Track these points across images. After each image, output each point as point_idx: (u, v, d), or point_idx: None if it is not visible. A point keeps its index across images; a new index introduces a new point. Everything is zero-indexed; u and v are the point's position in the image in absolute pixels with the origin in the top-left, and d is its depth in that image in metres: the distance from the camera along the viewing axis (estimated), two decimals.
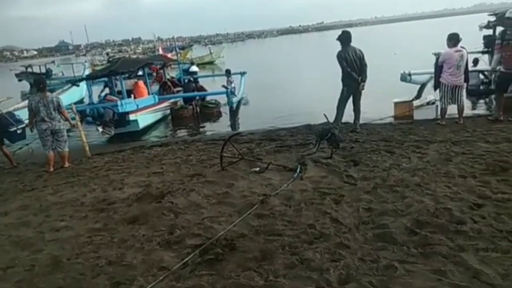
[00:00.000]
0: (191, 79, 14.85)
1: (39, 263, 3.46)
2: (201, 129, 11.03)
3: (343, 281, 2.73)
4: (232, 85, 13.80)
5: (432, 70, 7.89)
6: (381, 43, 35.17)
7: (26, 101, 8.15)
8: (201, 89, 13.95)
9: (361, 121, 7.67)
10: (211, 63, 35.46)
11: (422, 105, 9.65)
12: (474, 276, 2.64)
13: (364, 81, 7.21)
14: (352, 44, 7.24)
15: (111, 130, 10.02)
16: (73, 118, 7.96)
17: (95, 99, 12.30)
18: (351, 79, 7.13)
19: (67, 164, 7.06)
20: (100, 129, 9.90)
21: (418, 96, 9.92)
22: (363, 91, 7.31)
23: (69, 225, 4.25)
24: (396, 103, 8.99)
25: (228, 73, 14.34)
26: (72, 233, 4.03)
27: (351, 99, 7.40)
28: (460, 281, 2.60)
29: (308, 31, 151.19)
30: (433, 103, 9.23)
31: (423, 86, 9.78)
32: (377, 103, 9.67)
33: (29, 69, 28.21)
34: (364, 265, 2.89)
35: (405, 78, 9.79)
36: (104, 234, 3.93)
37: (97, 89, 14.10)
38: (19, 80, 27.19)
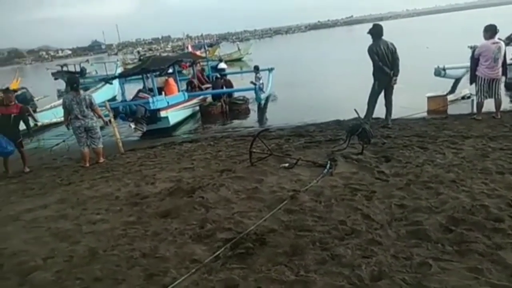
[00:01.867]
0: (218, 75, 14.95)
1: (77, 254, 3.60)
2: (229, 126, 11.11)
3: (376, 278, 2.69)
4: (261, 81, 13.79)
5: (468, 64, 7.63)
6: (413, 37, 34.19)
7: (61, 100, 8.45)
8: (229, 83, 13.99)
9: (393, 116, 7.51)
10: (239, 59, 35.58)
11: (457, 100, 9.35)
12: None
13: (396, 76, 7.05)
14: (384, 37, 7.09)
15: (143, 126, 10.28)
16: (107, 115, 8.21)
17: (128, 96, 12.63)
18: (382, 74, 6.99)
19: (102, 160, 7.30)
20: (133, 126, 10.17)
21: (452, 90, 9.61)
22: (395, 86, 7.15)
23: (104, 218, 4.40)
24: (429, 98, 8.74)
25: (256, 69, 14.33)
26: (107, 226, 4.17)
27: (382, 94, 7.26)
28: (498, 279, 2.52)
29: (337, 25, 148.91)
30: (468, 97, 8.93)
31: (457, 80, 9.48)
32: (410, 98, 9.43)
33: (65, 68, 29.26)
34: (397, 262, 2.84)
35: (439, 72, 9.52)
36: (138, 227, 4.04)
37: (129, 88, 14.44)
38: (55, 79, 28.20)
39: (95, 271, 3.26)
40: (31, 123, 8.53)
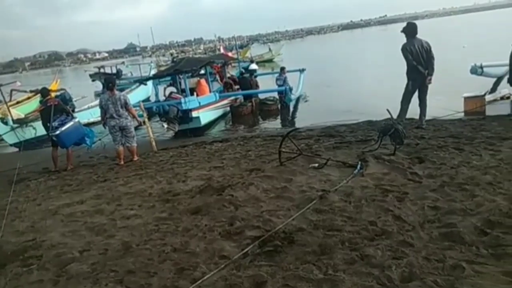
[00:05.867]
0: (243, 72, 15.03)
1: (111, 248, 3.74)
2: (259, 126, 11.17)
3: (406, 279, 2.64)
4: (284, 82, 13.62)
5: (508, 62, 7.30)
6: (450, 36, 33.09)
7: (98, 100, 8.78)
8: (255, 83, 14.05)
9: (427, 117, 7.31)
10: (270, 60, 35.67)
11: (495, 100, 8.96)
12: None
13: (431, 75, 6.85)
14: (418, 36, 6.92)
15: (176, 126, 10.53)
16: (141, 115, 8.45)
17: (161, 97, 12.94)
18: (417, 73, 6.82)
19: (136, 158, 7.52)
20: (165, 126, 10.43)
21: (493, 90, 9.22)
22: (429, 86, 6.95)
23: (138, 214, 4.54)
24: (466, 98, 8.45)
25: (281, 70, 14.23)
26: (140, 221, 4.30)
27: (416, 94, 7.08)
28: None
29: (370, 25, 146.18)
30: (508, 97, 8.54)
31: (499, 79, 9.07)
32: (446, 98, 9.15)
33: (102, 70, 30.24)
34: (428, 264, 2.77)
35: (476, 70, 9.15)
36: (170, 223, 4.15)
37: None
38: (93, 80, 29.18)
39: (128, 264, 3.37)
40: None
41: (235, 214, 4.06)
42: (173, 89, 12.67)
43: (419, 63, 6.77)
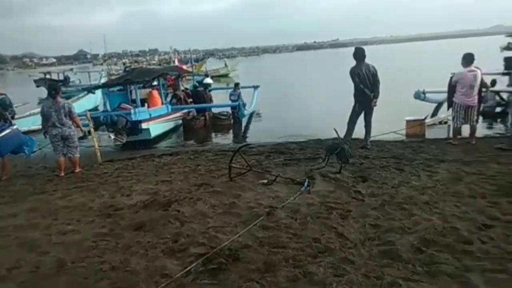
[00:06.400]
0: (197, 85, 15.02)
1: (43, 265, 3.49)
2: (211, 140, 11.10)
3: None
4: (238, 98, 13.82)
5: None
6: (396, 61, 35.11)
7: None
8: (209, 97, 14.07)
9: (372, 138, 7.63)
10: (225, 76, 35.81)
11: (434, 124, 9.58)
12: None
13: (377, 98, 7.18)
14: (367, 61, 7.25)
15: (123, 137, 10.17)
16: (87, 125, 8.10)
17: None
18: (363, 95, 7.12)
19: (77, 170, 7.15)
20: (112, 136, 10.06)
21: (434, 114, 9.87)
22: (374, 108, 7.28)
23: (76, 229, 4.29)
24: (408, 121, 8.94)
25: (235, 86, 14.47)
26: (78, 237, 4.06)
27: (362, 115, 7.38)
28: None
29: (323, 47, 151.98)
30: (445, 122, 9.15)
31: (440, 104, 9.72)
32: (389, 120, 9.61)
33: (48, 76, 28.87)
34: (367, 281, 2.85)
35: (419, 96, 9.80)
36: (110, 239, 3.95)
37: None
38: (37, 86, 27.79)
39: (61, 283, 3.17)
40: None
41: (180, 230, 3.96)
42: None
43: (366, 86, 7.08)
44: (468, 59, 7.15)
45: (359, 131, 7.57)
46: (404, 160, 6.21)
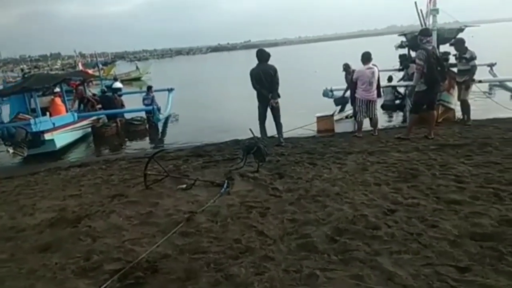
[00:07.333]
0: (105, 90, 14.24)
1: None
2: (125, 147, 10.57)
3: None
4: (151, 101, 13.37)
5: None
6: (304, 62, 36.86)
7: None
8: (120, 102, 13.37)
9: (286, 135, 7.88)
10: (138, 79, 34.44)
11: (341, 119, 10.21)
12: (388, 278, 2.79)
13: (275, 98, 7.30)
14: (271, 62, 7.42)
15: (24, 151, 9.23)
16: None
17: (5, 118, 11.26)
18: (261, 96, 7.33)
19: None
20: (11, 150, 9.06)
21: (342, 110, 10.55)
22: (278, 106, 7.40)
23: None
24: (318, 117, 9.40)
25: (148, 89, 13.95)
26: None
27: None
28: (376, 284, 2.73)
29: (236, 49, 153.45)
30: (351, 116, 9.81)
31: (344, 99, 10.36)
32: (302, 117, 10.02)
33: None
34: (287, 276, 2.92)
35: (327, 94, 10.37)
36: (11, 265, 3.56)
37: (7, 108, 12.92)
38: None
39: None
40: None
41: (92, 247, 3.70)
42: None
43: (263, 87, 7.24)
44: (366, 57, 7.73)
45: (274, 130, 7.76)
46: (316, 155, 6.52)
